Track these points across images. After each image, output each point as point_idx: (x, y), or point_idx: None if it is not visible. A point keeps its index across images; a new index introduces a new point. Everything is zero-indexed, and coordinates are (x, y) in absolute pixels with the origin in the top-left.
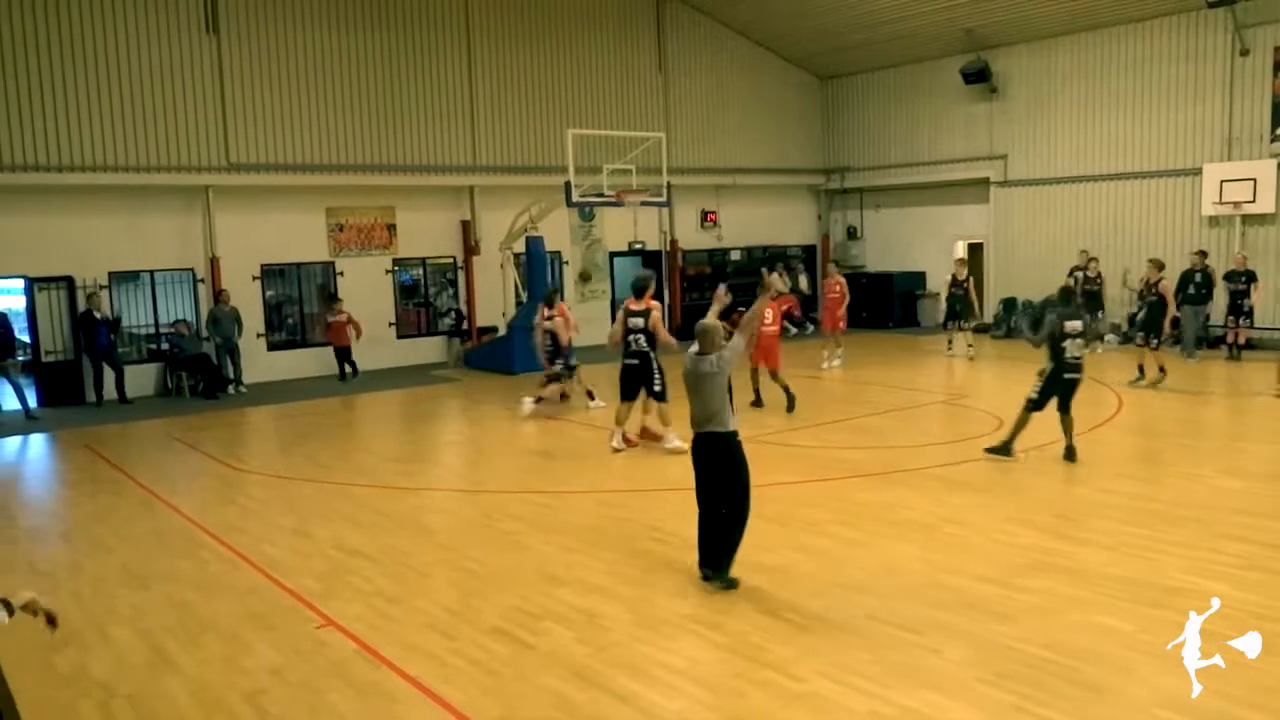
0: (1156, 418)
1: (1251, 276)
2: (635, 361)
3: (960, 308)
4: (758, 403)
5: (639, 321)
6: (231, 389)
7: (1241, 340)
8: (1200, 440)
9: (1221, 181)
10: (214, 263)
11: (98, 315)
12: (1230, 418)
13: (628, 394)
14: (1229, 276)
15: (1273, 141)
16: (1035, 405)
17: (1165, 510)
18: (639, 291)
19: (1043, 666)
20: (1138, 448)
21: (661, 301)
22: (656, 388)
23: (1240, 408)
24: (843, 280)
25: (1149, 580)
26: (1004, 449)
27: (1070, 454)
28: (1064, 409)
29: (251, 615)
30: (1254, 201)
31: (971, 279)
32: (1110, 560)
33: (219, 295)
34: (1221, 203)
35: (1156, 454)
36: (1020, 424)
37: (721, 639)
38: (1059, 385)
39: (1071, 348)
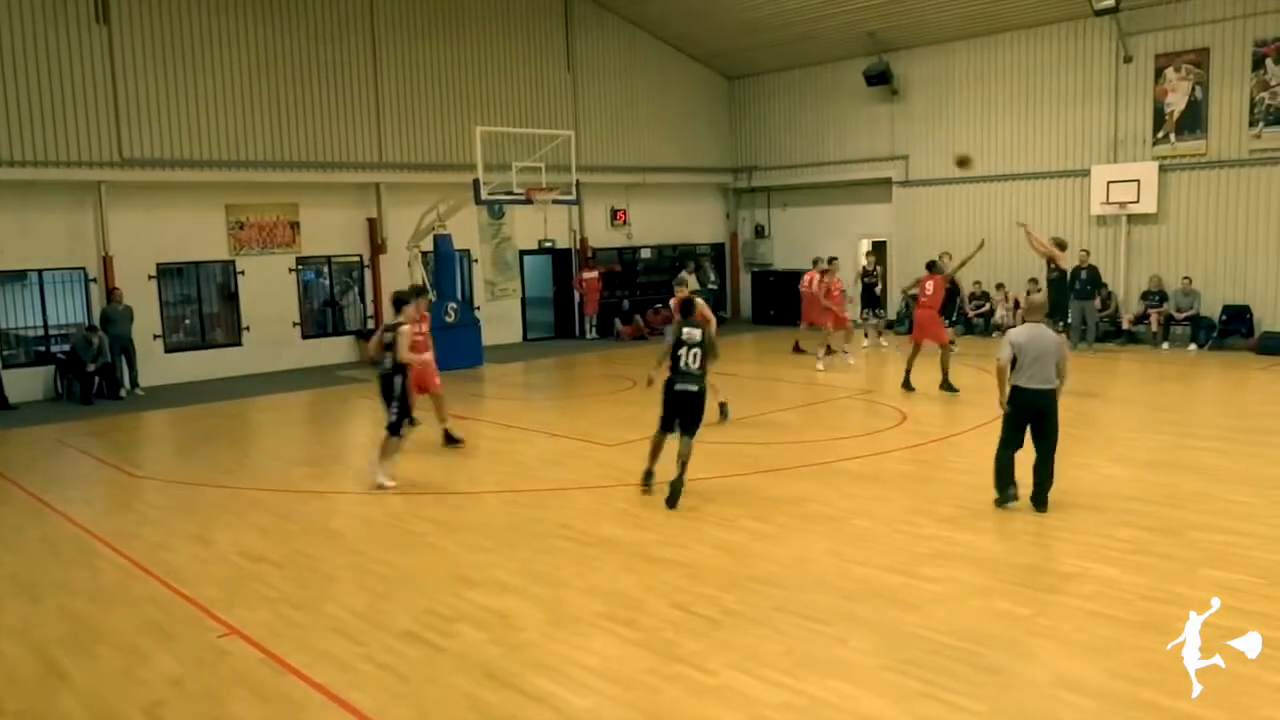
0: None
1: (1164, 296)
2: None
3: (870, 302)
4: (908, 385)
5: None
6: (124, 392)
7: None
8: (1091, 430)
9: (1108, 182)
10: (107, 261)
11: None
12: (1117, 408)
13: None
14: (1144, 297)
15: (1154, 144)
16: (665, 425)
17: (1058, 499)
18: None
19: (947, 653)
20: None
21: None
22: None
23: (1127, 398)
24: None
25: (1045, 566)
26: (646, 479)
27: (674, 493)
28: (684, 428)
29: (149, 625)
30: (1138, 201)
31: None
32: (1008, 549)
33: (112, 293)
34: (1108, 203)
35: None
36: (655, 447)
37: (634, 635)
38: (672, 398)
39: (686, 357)
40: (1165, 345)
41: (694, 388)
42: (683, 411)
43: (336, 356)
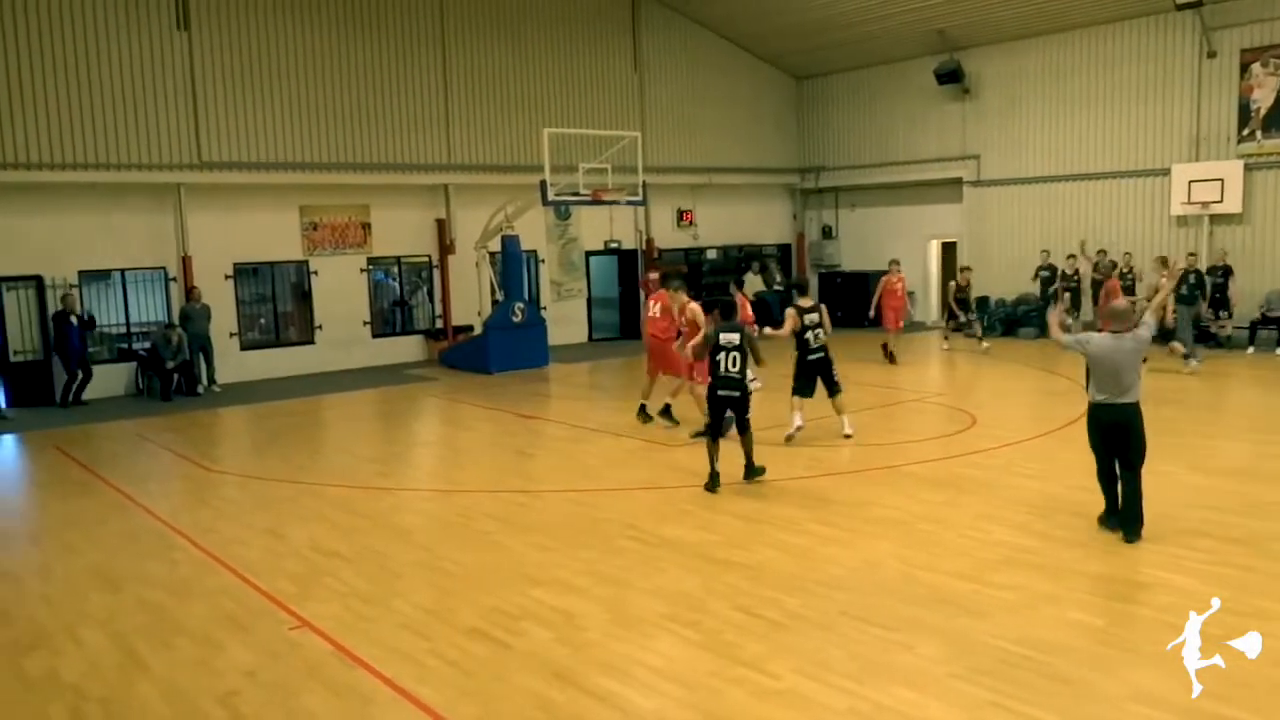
0: None
1: (1229, 271)
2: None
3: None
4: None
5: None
6: (202, 389)
7: (1227, 332)
8: (1168, 437)
9: (1190, 182)
10: (186, 261)
11: (73, 318)
12: (1197, 414)
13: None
14: (1209, 271)
15: (1240, 142)
16: (714, 430)
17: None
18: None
19: (1016, 662)
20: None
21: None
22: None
23: (1207, 404)
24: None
25: (1119, 576)
26: (713, 480)
27: (748, 473)
28: (738, 428)
29: (225, 617)
30: (1221, 201)
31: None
32: (1081, 556)
33: (190, 292)
34: (1190, 203)
35: None
36: (713, 452)
37: (698, 637)
38: (716, 403)
39: (725, 361)
40: (1251, 350)
41: (735, 392)
42: (729, 412)
43: (405, 355)
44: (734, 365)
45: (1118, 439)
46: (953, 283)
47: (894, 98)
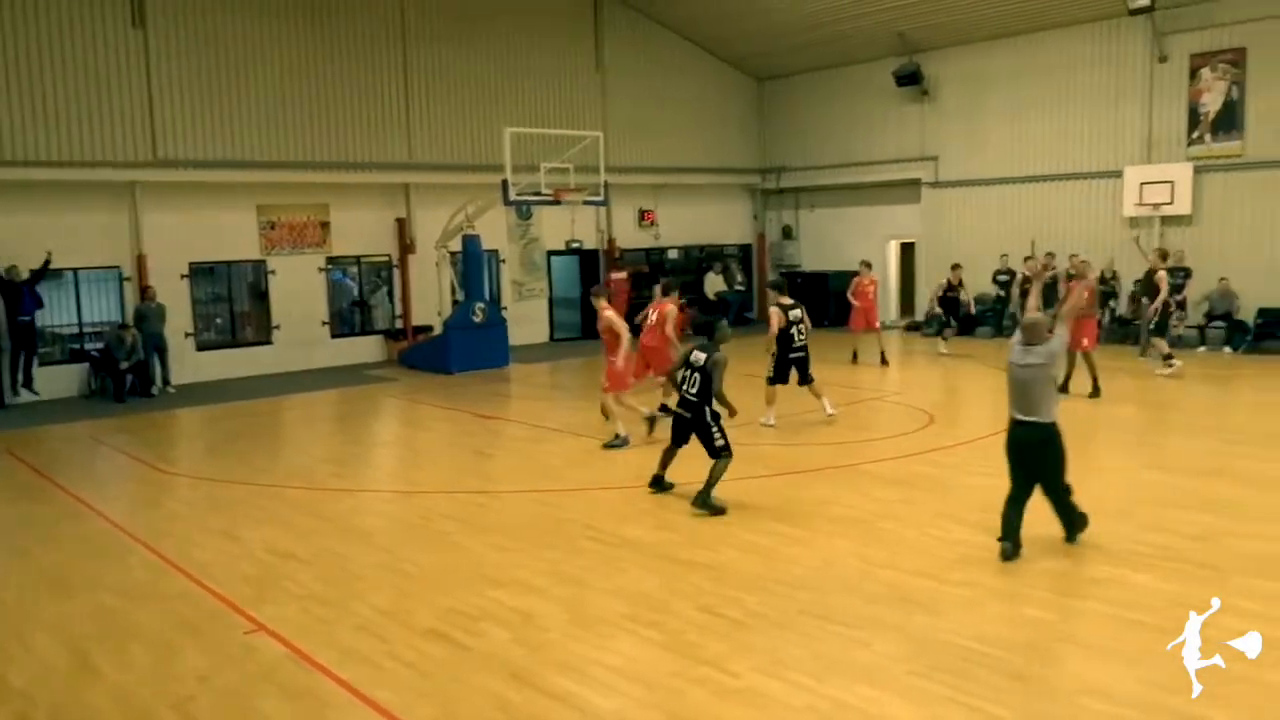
0: (1081, 414)
1: (1188, 273)
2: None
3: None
4: (1095, 393)
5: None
6: (156, 390)
7: (1179, 331)
8: (1124, 434)
9: (1141, 184)
10: (141, 260)
11: (18, 280)
12: (1150, 412)
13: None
14: (1171, 273)
15: (1189, 145)
16: (673, 440)
17: (1088, 504)
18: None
19: (972, 658)
20: None
21: None
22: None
23: (1160, 402)
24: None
25: (1072, 572)
26: (659, 481)
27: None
28: (711, 454)
29: (179, 621)
30: (1172, 203)
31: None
32: (1035, 553)
33: (145, 291)
34: (1142, 204)
35: (1081, 449)
36: (664, 455)
37: (658, 637)
38: (675, 420)
39: (688, 379)
40: (1202, 349)
41: (687, 414)
42: (686, 435)
43: (365, 356)
44: (693, 387)
45: (1031, 461)
46: (945, 280)
47: (854, 99)
